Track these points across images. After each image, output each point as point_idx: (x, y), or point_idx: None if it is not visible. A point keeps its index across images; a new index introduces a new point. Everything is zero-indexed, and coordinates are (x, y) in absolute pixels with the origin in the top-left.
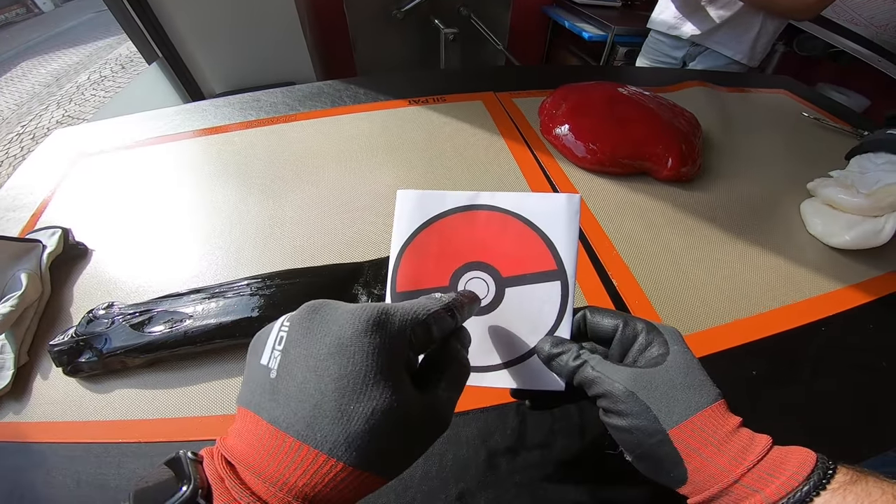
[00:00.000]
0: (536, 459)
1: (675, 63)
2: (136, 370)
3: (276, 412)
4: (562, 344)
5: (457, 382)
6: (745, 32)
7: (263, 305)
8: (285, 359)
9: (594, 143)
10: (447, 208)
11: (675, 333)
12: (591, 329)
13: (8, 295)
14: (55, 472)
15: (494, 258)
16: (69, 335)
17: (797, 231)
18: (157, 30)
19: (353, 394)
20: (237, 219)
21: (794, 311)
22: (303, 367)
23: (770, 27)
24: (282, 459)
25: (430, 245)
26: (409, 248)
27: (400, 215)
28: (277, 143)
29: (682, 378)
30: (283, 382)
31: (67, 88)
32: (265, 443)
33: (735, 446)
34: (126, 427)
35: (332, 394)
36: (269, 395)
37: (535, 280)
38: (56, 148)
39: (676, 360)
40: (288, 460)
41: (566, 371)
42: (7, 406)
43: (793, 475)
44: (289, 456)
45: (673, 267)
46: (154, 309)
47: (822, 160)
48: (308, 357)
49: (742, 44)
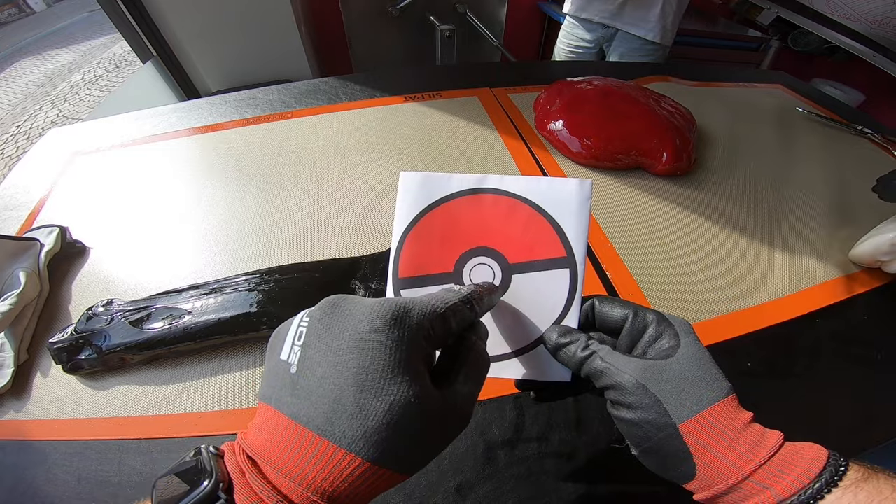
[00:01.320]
0: (534, 452)
1: (591, 47)
2: (136, 367)
3: (297, 407)
4: (570, 334)
5: (477, 376)
6: (649, 9)
7: (262, 301)
8: (305, 354)
9: (588, 138)
10: (453, 191)
11: (685, 325)
12: (599, 319)
13: (6, 293)
14: (56, 469)
15: (501, 244)
16: (68, 333)
17: (791, 223)
18: (152, 28)
19: (371, 389)
20: (234, 215)
21: (788, 303)
22: (322, 362)
23: (673, 1)
24: (302, 454)
25: (434, 229)
26: (412, 231)
27: (403, 197)
28: (274, 140)
29: (694, 371)
30: (304, 377)
31: (61, 88)
32: (285, 437)
33: (746, 442)
34: (126, 424)
35: (351, 388)
36: (290, 390)
37: (543, 267)
38: (52, 147)
39: (688, 353)
40: (308, 455)
41: (574, 362)
42: (7, 404)
43: (804, 472)
44: (308, 451)
45: (667, 260)
46: (153, 305)
47: (815, 154)
48: (328, 352)
49: (649, 22)
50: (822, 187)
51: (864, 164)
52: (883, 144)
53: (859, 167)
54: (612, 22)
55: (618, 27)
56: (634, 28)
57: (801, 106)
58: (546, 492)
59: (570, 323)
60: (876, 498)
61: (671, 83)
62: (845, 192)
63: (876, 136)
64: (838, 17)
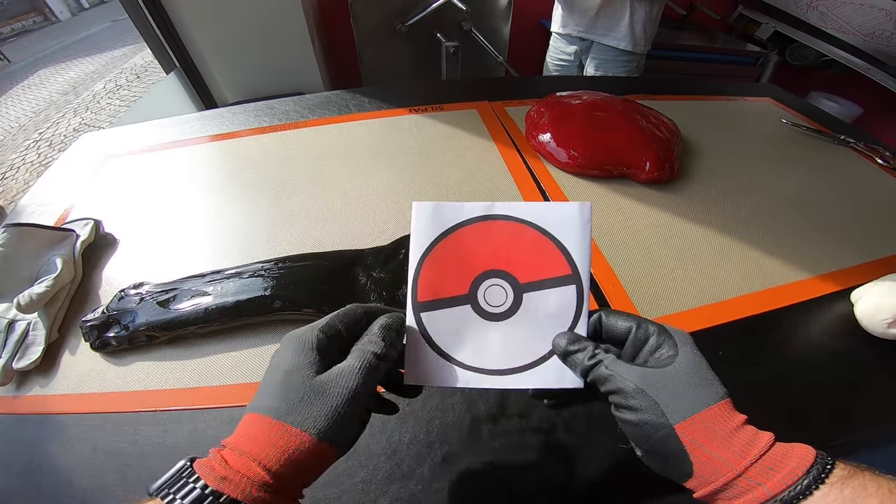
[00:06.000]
0: (515, 427)
1: (572, 61)
2: (156, 345)
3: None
4: (578, 342)
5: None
6: (619, 20)
7: (275, 286)
8: (265, 378)
9: (574, 149)
10: (464, 219)
11: (685, 336)
12: (606, 330)
13: (43, 277)
14: (73, 441)
15: (512, 266)
16: (99, 312)
17: (767, 226)
18: (176, 41)
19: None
20: (250, 214)
21: (761, 298)
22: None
23: (641, 10)
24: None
25: (448, 255)
26: (427, 258)
27: (417, 226)
28: (288, 147)
29: (690, 377)
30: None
31: (84, 97)
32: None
33: (739, 442)
34: (143, 397)
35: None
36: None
37: (551, 285)
38: (85, 150)
39: (685, 361)
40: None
41: (581, 368)
42: (34, 380)
43: (793, 469)
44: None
45: (647, 258)
46: (179, 287)
47: (797, 162)
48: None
49: (620, 31)
50: (799, 193)
51: (844, 171)
52: (865, 153)
53: (838, 174)
54: (588, 34)
55: (592, 39)
56: (607, 38)
57: (785, 117)
58: (524, 462)
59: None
60: (861, 494)
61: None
62: (822, 197)
63: (859, 146)
64: (833, 30)
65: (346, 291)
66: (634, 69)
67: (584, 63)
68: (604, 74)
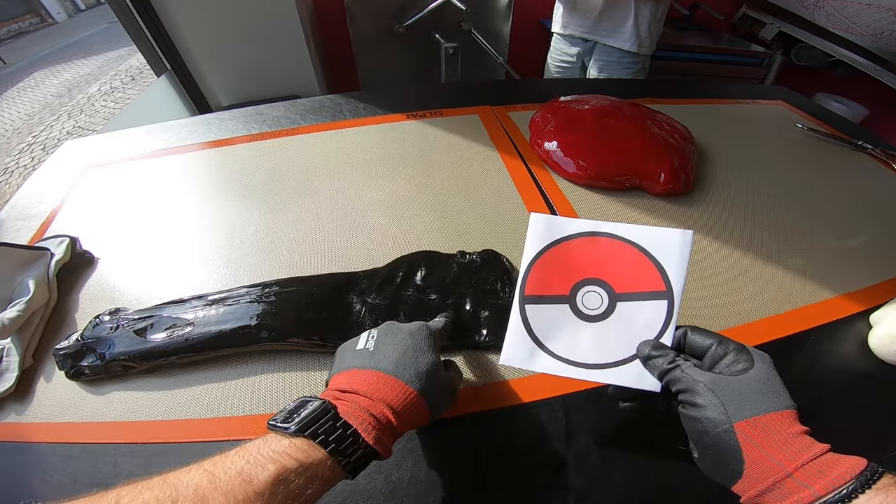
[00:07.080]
0: (521, 464)
1: (574, 63)
2: (136, 374)
3: (377, 365)
4: (661, 348)
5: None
6: (623, 20)
7: (262, 313)
8: (378, 342)
9: (583, 159)
10: (572, 232)
11: (764, 356)
12: (689, 344)
13: (16, 300)
14: (52, 471)
15: (610, 276)
16: (73, 339)
17: (790, 243)
18: (167, 43)
19: (418, 353)
20: (239, 229)
21: (781, 322)
22: (390, 343)
23: (645, 10)
24: (380, 386)
25: (556, 261)
26: (538, 261)
27: (532, 233)
28: (278, 156)
29: (759, 386)
30: (379, 351)
31: (78, 99)
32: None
33: (793, 446)
34: (123, 428)
35: (409, 352)
36: (369, 359)
37: (644, 298)
38: (66, 159)
39: (758, 374)
40: (383, 387)
41: (660, 371)
42: (9, 407)
43: (841, 474)
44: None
45: None
46: (157, 314)
47: (816, 171)
48: (393, 338)
49: (624, 32)
50: (820, 203)
51: (865, 179)
52: (883, 159)
53: (859, 182)
54: (591, 35)
55: (596, 40)
56: (611, 39)
57: (801, 122)
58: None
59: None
60: None
61: (669, 104)
62: (843, 207)
63: (876, 151)
64: (839, 30)
65: (339, 319)
66: (639, 71)
67: (586, 64)
68: (608, 76)
